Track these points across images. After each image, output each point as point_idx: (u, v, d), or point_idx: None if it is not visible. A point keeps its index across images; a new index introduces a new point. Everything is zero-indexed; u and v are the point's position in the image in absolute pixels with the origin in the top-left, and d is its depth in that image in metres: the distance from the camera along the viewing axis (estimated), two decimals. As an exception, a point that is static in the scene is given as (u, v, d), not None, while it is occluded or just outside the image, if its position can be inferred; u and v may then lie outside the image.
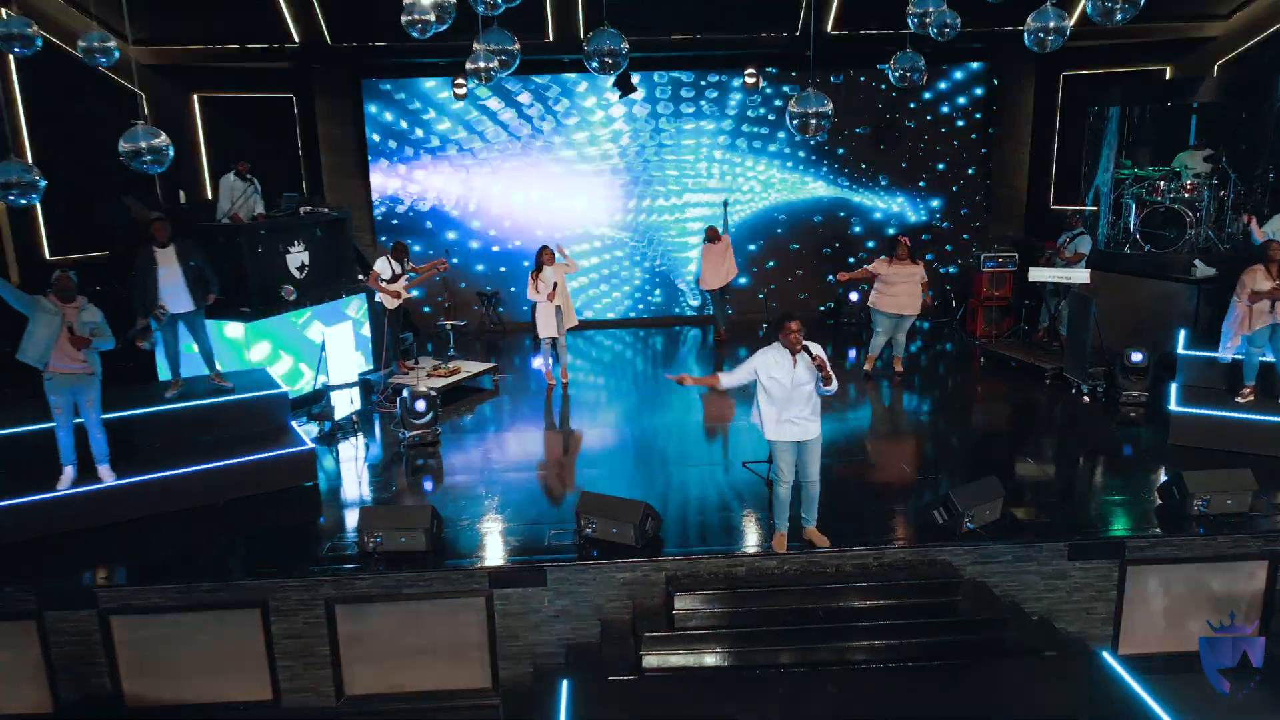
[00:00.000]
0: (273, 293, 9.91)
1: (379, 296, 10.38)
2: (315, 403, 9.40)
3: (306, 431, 8.60)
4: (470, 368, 10.76)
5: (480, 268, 13.72)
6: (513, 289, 13.60)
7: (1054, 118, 13.83)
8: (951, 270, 13.90)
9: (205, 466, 7.49)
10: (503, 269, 13.71)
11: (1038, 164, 13.96)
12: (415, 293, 10.98)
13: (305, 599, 6.29)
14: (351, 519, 7.19)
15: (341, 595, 6.31)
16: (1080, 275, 10.32)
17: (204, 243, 8.85)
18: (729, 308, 12.83)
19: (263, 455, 7.73)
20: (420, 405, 8.79)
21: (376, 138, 13.10)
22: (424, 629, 6.41)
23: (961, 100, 13.66)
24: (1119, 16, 5.24)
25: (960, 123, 13.75)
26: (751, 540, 6.70)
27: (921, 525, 6.82)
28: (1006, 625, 6.14)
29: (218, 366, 8.62)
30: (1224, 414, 8.09)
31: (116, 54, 7.24)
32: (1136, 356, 9.39)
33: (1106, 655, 6.20)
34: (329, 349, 9.32)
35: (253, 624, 6.27)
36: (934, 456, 8.60)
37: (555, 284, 10.39)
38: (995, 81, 13.60)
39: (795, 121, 6.18)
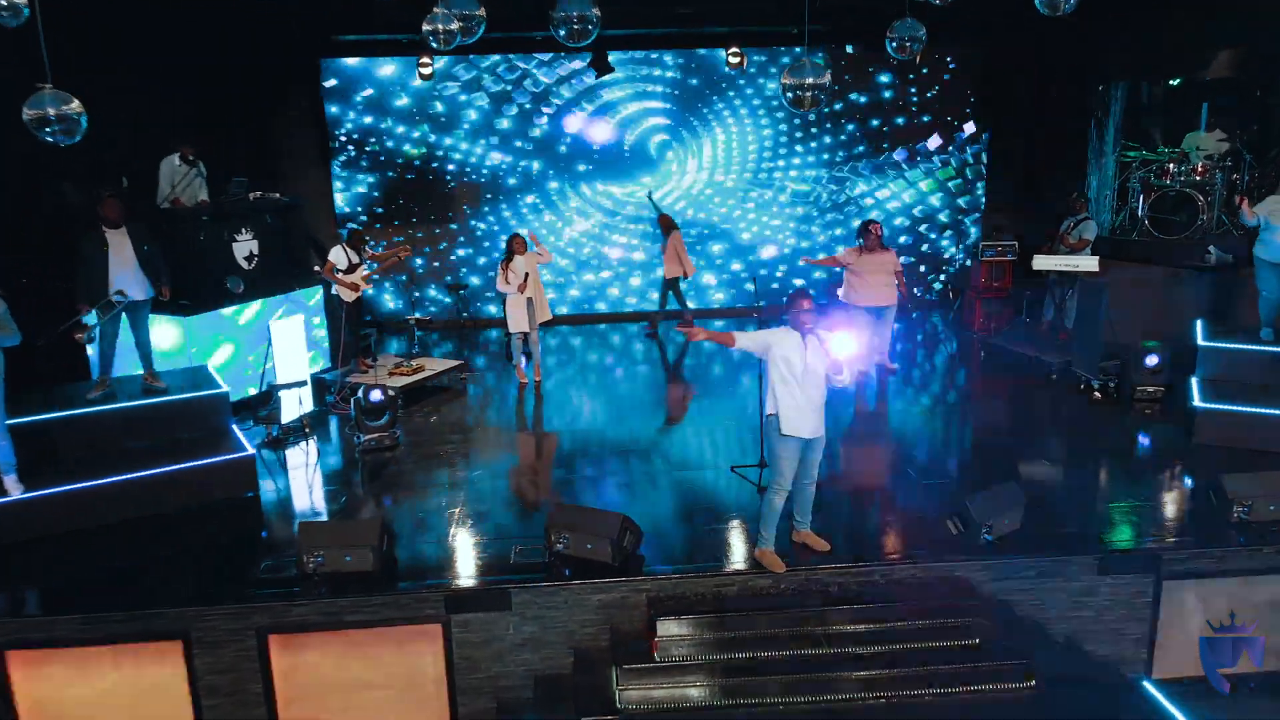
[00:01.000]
0: (217, 285, 9.08)
1: (336, 289, 9.60)
2: (264, 405, 8.58)
3: (251, 436, 7.81)
4: (435, 365, 9.97)
5: (456, 255, 12.92)
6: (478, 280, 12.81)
7: (1053, 101, 13.17)
8: (956, 253, 13.13)
9: (129, 476, 6.67)
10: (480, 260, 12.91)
11: (1036, 148, 13.30)
12: (374, 284, 10.14)
13: (235, 629, 5.49)
14: (294, 536, 6.38)
15: (277, 624, 5.52)
16: (1088, 263, 9.67)
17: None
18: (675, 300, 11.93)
19: (196, 463, 6.92)
20: (376, 406, 7.99)
21: (340, 123, 12.26)
22: (371, 661, 5.63)
23: (954, 78, 12.97)
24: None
25: (955, 103, 13.06)
26: (743, 555, 5.96)
27: (932, 538, 6.10)
28: (1031, 651, 5.44)
29: (154, 365, 7.81)
30: (1254, 409, 7.44)
31: (25, 13, 6.39)
32: (1152, 360, 8.71)
33: (1148, 685, 5.51)
34: (279, 345, 8.49)
35: (174, 659, 5.46)
36: (939, 459, 7.90)
37: (527, 275, 9.62)
38: (992, 61, 12.94)
39: (789, 94, 5.74)
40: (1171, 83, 11.12)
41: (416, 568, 5.87)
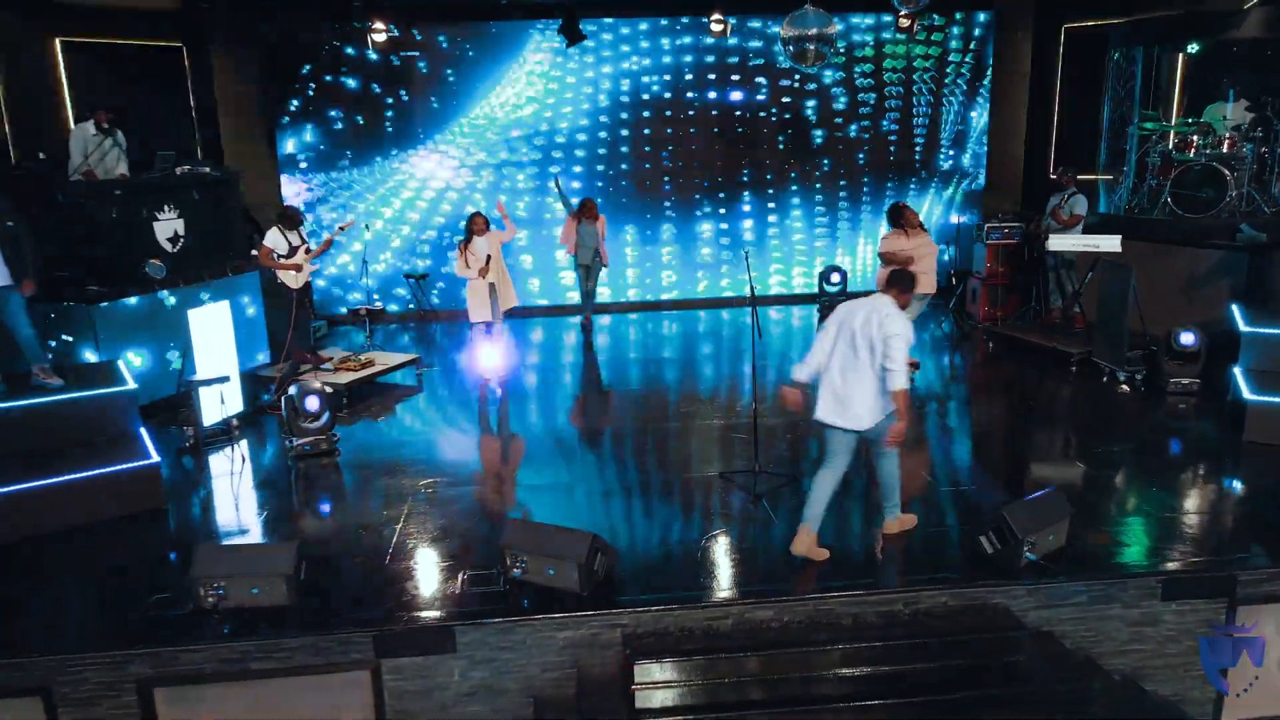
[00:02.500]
0: (134, 268, 7.97)
1: (280, 275, 8.53)
2: (187, 405, 7.48)
3: (171, 441, 6.75)
4: (387, 360, 8.92)
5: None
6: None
7: (1055, 75, 12.29)
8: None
9: (4, 491, 5.57)
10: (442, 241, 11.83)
11: (1037, 128, 12.42)
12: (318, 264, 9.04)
13: (109, 681, 4.43)
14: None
15: (162, 674, 4.46)
16: (1110, 243, 8.75)
17: (46, 205, 6.96)
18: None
19: (89, 473, 5.84)
20: (311, 405, 6.94)
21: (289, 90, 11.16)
22: (285, 718, 4.58)
23: (954, 55, 12.06)
24: None
25: (953, 80, 12.15)
26: (737, 579, 4.97)
27: (963, 556, 5.14)
28: (1089, 692, 4.49)
29: (47, 358, 6.72)
30: (1315, 403, 6.56)
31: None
32: (1187, 338, 7.83)
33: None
34: (200, 337, 7.39)
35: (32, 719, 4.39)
36: (959, 461, 6.95)
37: (489, 257, 8.59)
38: (991, 34, 12.05)
39: (790, 47, 5.38)
40: (1190, 49, 10.22)
41: (342, 601, 4.82)
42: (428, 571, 5.14)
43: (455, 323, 11.27)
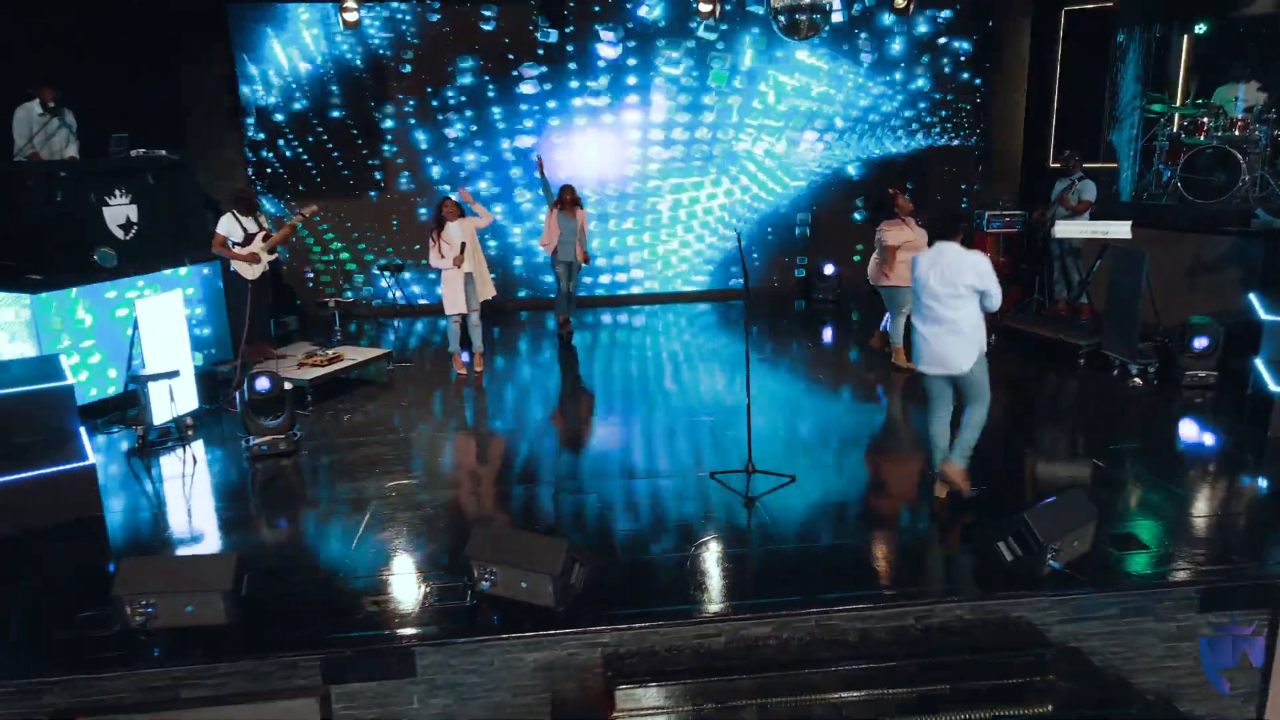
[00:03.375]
0: (82, 256, 7.43)
1: (235, 265, 8.00)
2: (135, 404, 6.94)
3: (120, 442, 6.22)
4: (356, 355, 8.38)
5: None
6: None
7: (1054, 60, 11.86)
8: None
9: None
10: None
11: (1035, 115, 12.00)
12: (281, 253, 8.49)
13: (20, 713, 3.90)
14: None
15: (80, 704, 3.94)
16: (1119, 229, 8.32)
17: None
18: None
19: (16, 477, 5.30)
20: (267, 400, 6.41)
21: (254, 71, 10.60)
22: (222, 752, 4.07)
23: (947, 40, 11.62)
24: None
25: (948, 66, 11.70)
26: (730, 590, 4.49)
27: (978, 565, 4.67)
28: (1124, 717, 4.03)
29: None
30: (1347, 396, 6.12)
31: None
32: (1201, 343, 7.41)
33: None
34: (155, 330, 6.85)
35: (-71, 759, 3.87)
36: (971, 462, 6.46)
37: (464, 245, 8.07)
38: (989, 16, 11.62)
39: (782, 19, 5.30)
40: (1198, 29, 9.82)
41: (288, 619, 4.31)
42: (387, 585, 4.63)
43: (431, 316, 10.78)
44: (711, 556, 4.84)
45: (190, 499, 5.91)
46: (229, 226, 7.79)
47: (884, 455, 6.57)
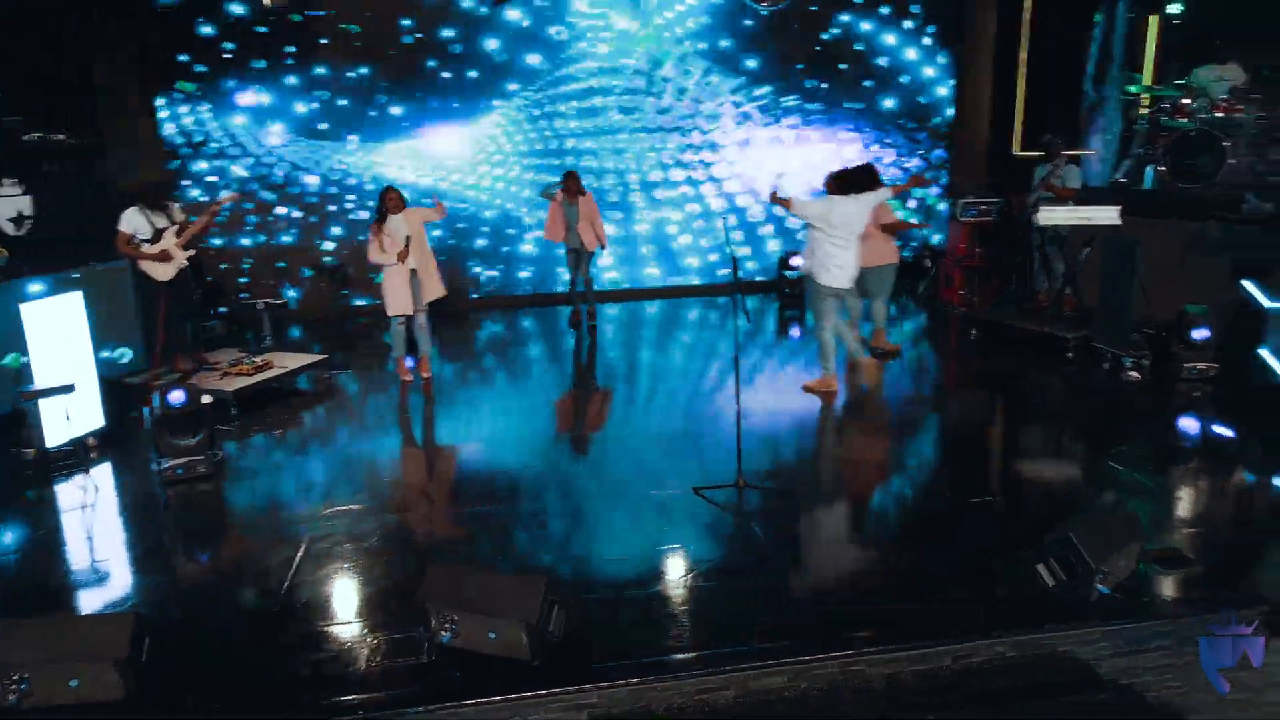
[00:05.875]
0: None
1: (144, 265, 7.12)
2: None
3: (6, 468, 5.35)
4: (288, 362, 7.54)
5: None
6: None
7: (1019, 43, 11.46)
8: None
9: None
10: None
11: (1000, 102, 11.59)
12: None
13: None
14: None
15: (-68, 814, 3.13)
16: (1107, 214, 7.90)
17: None
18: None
19: None
20: (181, 416, 5.57)
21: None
22: None
23: (911, 22, 11.16)
24: None
25: (912, 50, 11.25)
26: (737, 635, 3.82)
27: (1012, 590, 4.08)
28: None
29: None
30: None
31: None
32: (1200, 334, 7.02)
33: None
34: (47, 338, 5.94)
35: None
36: (975, 468, 5.89)
37: (409, 239, 7.29)
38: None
39: None
40: (1171, 9, 9.50)
41: (200, 689, 3.53)
42: (325, 638, 3.87)
43: (373, 317, 9.94)
44: (711, 588, 4.17)
45: (88, 537, 5.03)
46: (133, 222, 6.90)
47: (866, 463, 5.97)
